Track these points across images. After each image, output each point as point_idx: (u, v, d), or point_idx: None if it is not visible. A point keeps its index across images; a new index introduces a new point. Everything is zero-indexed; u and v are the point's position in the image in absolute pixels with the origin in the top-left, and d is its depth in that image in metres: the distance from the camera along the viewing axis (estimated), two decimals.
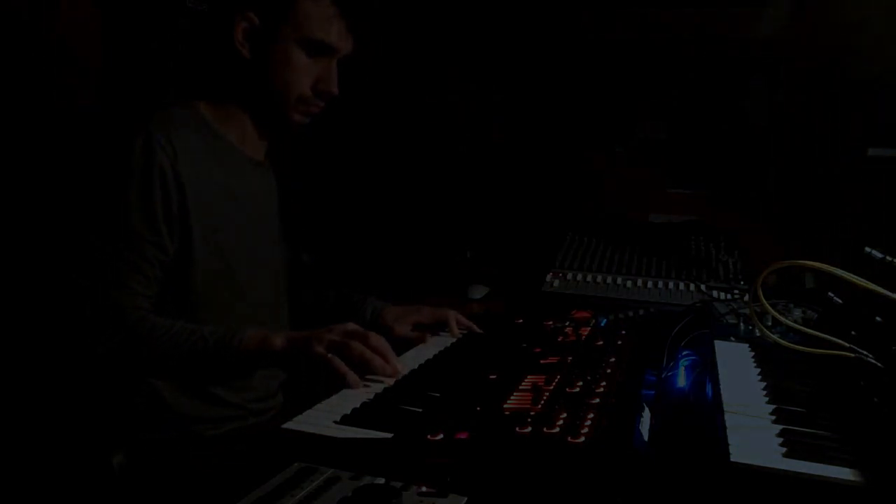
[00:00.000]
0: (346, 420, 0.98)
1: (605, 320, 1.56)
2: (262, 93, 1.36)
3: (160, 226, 1.25)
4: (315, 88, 1.37)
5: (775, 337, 1.14)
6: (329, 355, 1.15)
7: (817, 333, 1.10)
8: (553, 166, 2.57)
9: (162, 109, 1.32)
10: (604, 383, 1.09)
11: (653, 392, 1.04)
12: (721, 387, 1.09)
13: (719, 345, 1.36)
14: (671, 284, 1.83)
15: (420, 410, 1.02)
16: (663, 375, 1.24)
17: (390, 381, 1.16)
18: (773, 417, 0.99)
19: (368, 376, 1.16)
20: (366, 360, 1.16)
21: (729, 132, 2.41)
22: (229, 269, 1.34)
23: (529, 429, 0.91)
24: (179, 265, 1.28)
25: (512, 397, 1.06)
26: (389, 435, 0.92)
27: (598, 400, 1.02)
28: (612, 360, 1.23)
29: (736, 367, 1.23)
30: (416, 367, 1.27)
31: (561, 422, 0.92)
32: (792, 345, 1.12)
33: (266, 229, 1.47)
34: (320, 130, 1.52)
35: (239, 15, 1.32)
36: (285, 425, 0.96)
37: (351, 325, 1.22)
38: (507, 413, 0.99)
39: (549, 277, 1.91)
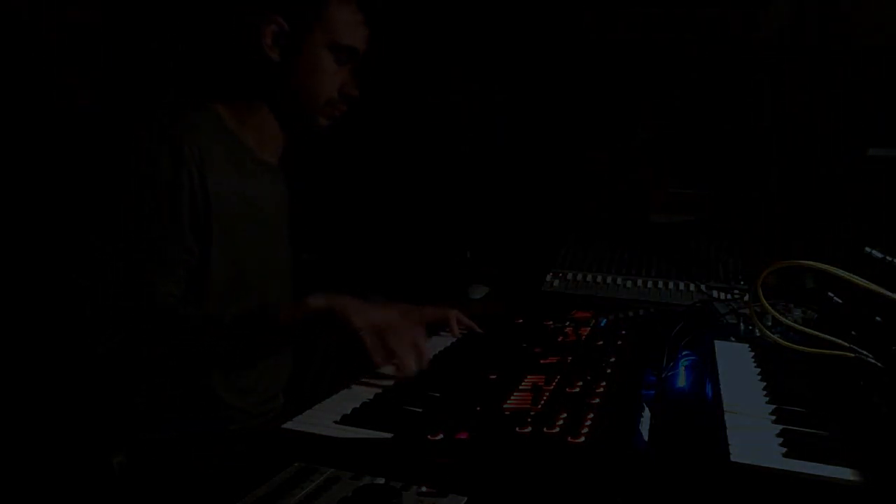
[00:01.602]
0: (346, 420, 0.98)
1: (605, 320, 1.56)
2: (290, 96, 1.37)
3: (186, 231, 1.25)
4: (340, 92, 1.38)
5: (775, 337, 1.14)
6: (364, 335, 1.15)
7: (817, 333, 1.10)
8: (554, 166, 2.57)
9: (181, 112, 1.32)
10: (604, 383, 1.09)
11: (653, 392, 1.04)
12: (721, 387, 1.09)
13: (719, 345, 1.36)
14: (671, 284, 1.83)
15: (420, 410, 1.02)
16: (663, 375, 1.24)
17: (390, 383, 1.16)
18: (773, 417, 0.99)
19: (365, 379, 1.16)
20: (397, 357, 1.15)
21: (731, 132, 2.41)
22: (242, 271, 1.34)
23: (529, 429, 0.91)
24: (198, 267, 1.28)
25: (512, 397, 1.06)
26: (389, 435, 0.92)
27: (598, 400, 1.01)
28: (612, 360, 1.23)
29: (736, 367, 1.23)
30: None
31: (561, 422, 0.92)
32: (792, 345, 1.12)
33: (277, 232, 1.47)
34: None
35: (267, 18, 1.32)
36: (285, 425, 0.96)
37: (395, 315, 1.22)
38: (507, 413, 0.99)
39: (549, 277, 1.91)
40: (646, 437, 0.90)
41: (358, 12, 1.36)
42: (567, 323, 1.53)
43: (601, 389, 1.06)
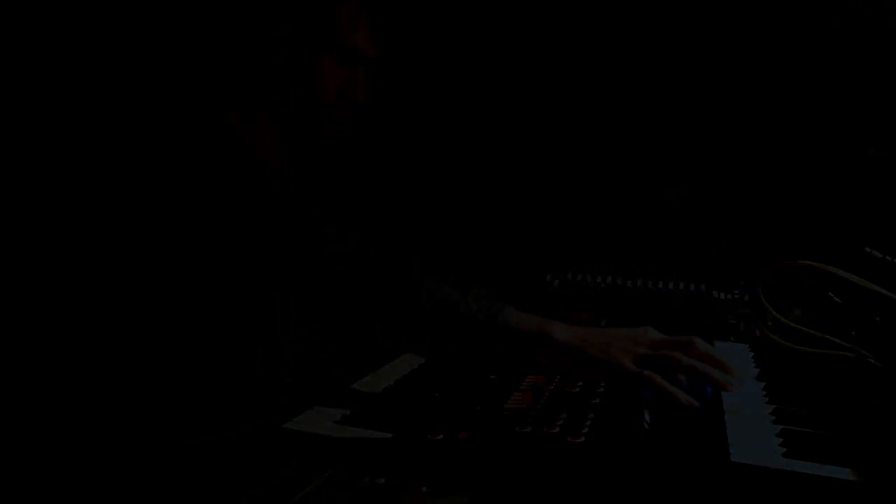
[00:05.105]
0: (346, 420, 0.98)
1: (604, 320, 1.56)
2: (287, 100, 1.37)
3: None
4: (342, 96, 1.38)
5: (775, 337, 1.14)
6: (645, 372, 1.04)
7: (817, 333, 1.10)
8: (553, 165, 2.56)
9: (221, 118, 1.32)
10: (604, 383, 1.09)
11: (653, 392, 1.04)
12: None
13: (719, 345, 1.36)
14: (671, 284, 1.83)
15: (420, 410, 1.02)
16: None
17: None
18: (773, 417, 0.99)
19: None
20: (702, 372, 1.05)
21: (729, 131, 2.41)
22: None
23: (529, 429, 0.91)
24: None
25: (512, 397, 1.06)
26: (389, 435, 0.92)
27: (598, 400, 1.02)
28: None
29: (736, 367, 1.23)
30: (416, 366, 1.27)
31: (561, 422, 0.92)
32: (792, 345, 1.12)
33: None
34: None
35: (273, 20, 1.32)
36: (285, 425, 0.96)
37: (653, 333, 1.10)
38: (507, 413, 0.99)
39: (549, 277, 1.91)
40: (646, 438, 0.90)
41: (362, 10, 1.35)
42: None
43: (601, 389, 1.06)
